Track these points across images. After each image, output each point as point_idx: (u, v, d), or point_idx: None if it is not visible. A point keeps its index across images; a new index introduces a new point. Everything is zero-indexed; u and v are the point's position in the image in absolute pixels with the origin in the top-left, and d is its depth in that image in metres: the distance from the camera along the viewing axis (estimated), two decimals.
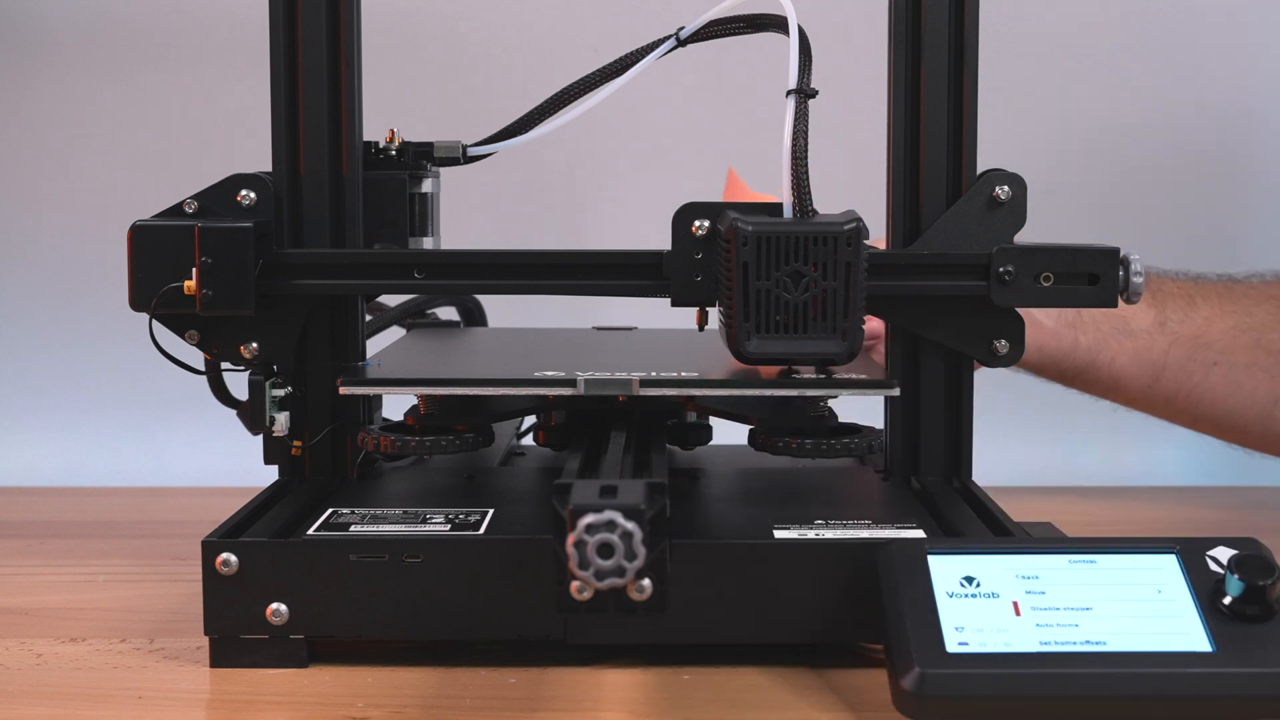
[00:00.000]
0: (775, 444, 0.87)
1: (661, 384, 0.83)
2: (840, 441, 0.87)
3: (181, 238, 0.84)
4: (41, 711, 0.73)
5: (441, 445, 0.87)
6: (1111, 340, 1.13)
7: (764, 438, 0.88)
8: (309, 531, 0.80)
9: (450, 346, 1.02)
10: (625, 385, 0.82)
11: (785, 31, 0.83)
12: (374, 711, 0.73)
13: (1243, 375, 1.12)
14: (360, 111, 0.89)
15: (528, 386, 0.84)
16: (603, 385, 0.82)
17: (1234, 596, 0.70)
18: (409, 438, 0.87)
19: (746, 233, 0.80)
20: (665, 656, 0.79)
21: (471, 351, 1.01)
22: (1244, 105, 1.42)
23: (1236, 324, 1.13)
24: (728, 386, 0.84)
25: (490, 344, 1.03)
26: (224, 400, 0.89)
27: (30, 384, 1.41)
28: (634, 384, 0.82)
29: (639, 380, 0.82)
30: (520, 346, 1.00)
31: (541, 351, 0.97)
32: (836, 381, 0.84)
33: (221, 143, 1.36)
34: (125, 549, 1.07)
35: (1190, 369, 1.12)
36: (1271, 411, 1.12)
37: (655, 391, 0.83)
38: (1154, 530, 1.08)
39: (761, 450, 0.88)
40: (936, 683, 0.67)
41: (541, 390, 0.85)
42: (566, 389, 0.82)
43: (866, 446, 0.87)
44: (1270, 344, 1.12)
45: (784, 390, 0.84)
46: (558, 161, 1.39)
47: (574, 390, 0.82)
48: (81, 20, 1.38)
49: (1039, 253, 0.86)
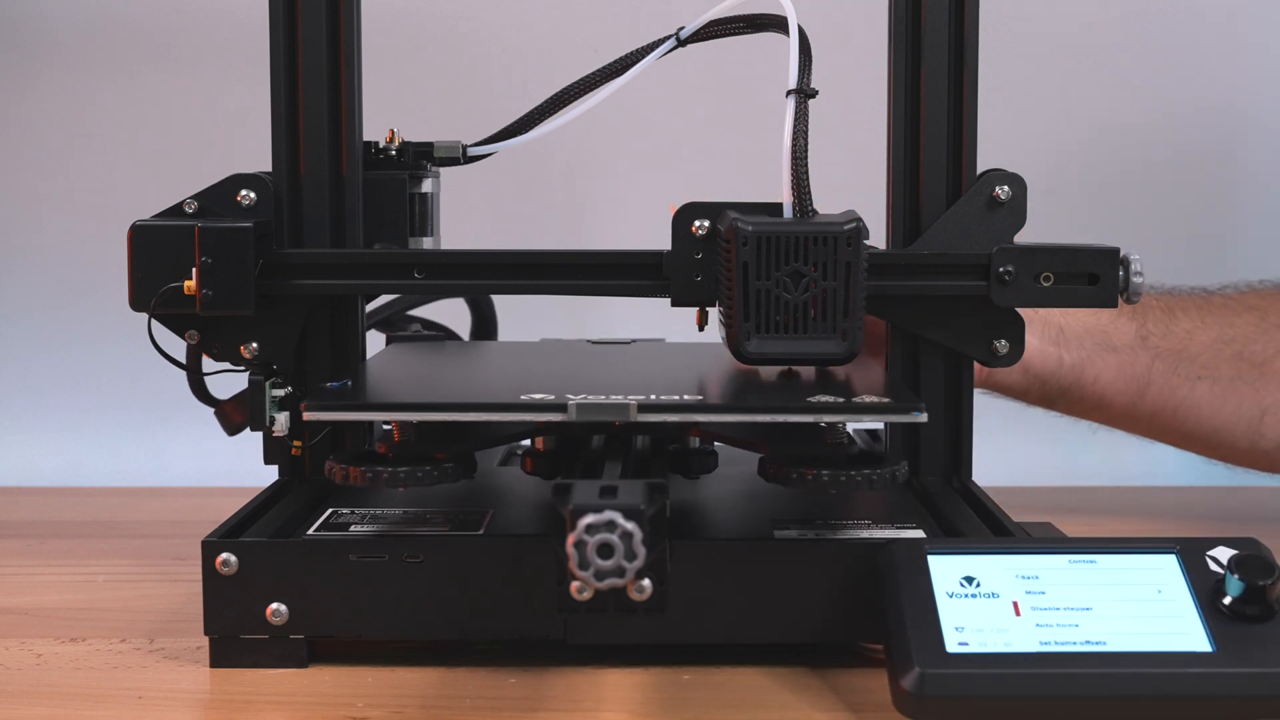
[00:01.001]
0: (788, 475, 0.78)
1: (662, 409, 0.75)
2: (861, 473, 0.77)
3: (181, 238, 0.84)
4: (41, 711, 0.73)
5: (417, 477, 0.78)
6: (1095, 357, 1.09)
7: (775, 468, 0.79)
8: (309, 531, 0.80)
9: (431, 363, 0.95)
10: (621, 410, 0.75)
11: (785, 31, 0.83)
12: (374, 711, 0.73)
13: (1228, 389, 1.09)
14: (360, 111, 0.89)
15: (512, 412, 0.76)
16: (596, 410, 0.75)
17: (1234, 596, 0.70)
18: (380, 469, 0.78)
19: (746, 233, 0.80)
20: (665, 656, 0.79)
21: (453, 369, 0.94)
22: (1244, 105, 1.42)
23: (1219, 336, 1.10)
24: (736, 412, 0.77)
25: (475, 361, 0.97)
26: (203, 399, 0.88)
27: (30, 384, 1.41)
28: (631, 409, 0.75)
29: (636, 405, 0.75)
30: (508, 363, 0.95)
31: (530, 369, 0.92)
32: (857, 406, 0.76)
33: (221, 143, 1.36)
34: (125, 549, 1.07)
35: (1175, 384, 1.09)
36: (1258, 426, 1.09)
37: (655, 417, 0.75)
38: (1154, 530, 1.08)
39: (773, 481, 0.79)
40: (936, 683, 0.67)
41: (528, 416, 0.76)
42: (556, 414, 0.75)
43: (890, 478, 0.78)
44: (1253, 356, 1.09)
45: (798, 416, 0.76)
46: (558, 161, 1.39)
47: (564, 416, 0.75)
48: (81, 20, 1.38)
49: (1039, 253, 0.86)
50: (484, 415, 0.76)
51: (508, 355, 0.98)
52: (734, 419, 0.77)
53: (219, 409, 0.87)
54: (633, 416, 0.75)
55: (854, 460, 0.79)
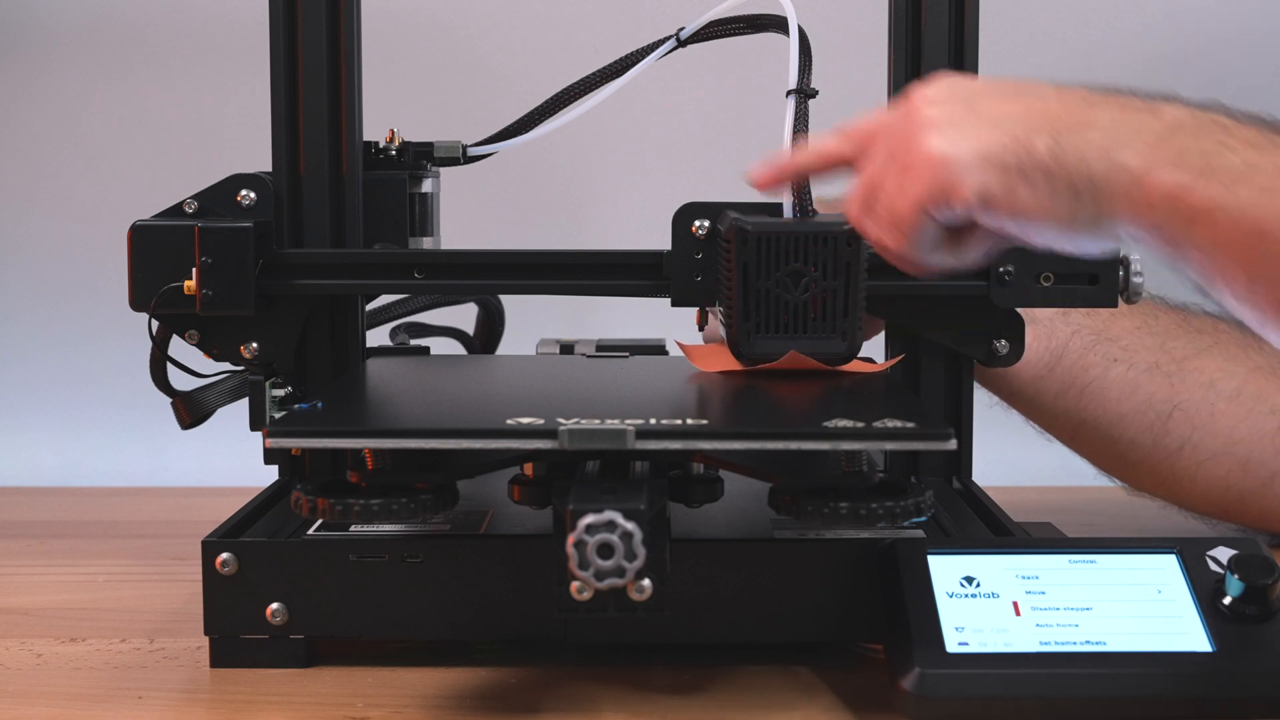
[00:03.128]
0: (803, 508, 0.73)
1: (663, 434, 0.69)
2: (884, 506, 0.72)
3: (181, 238, 0.84)
4: (41, 711, 0.73)
5: (392, 510, 0.73)
6: None
7: (789, 500, 0.74)
8: (309, 531, 0.80)
9: (413, 381, 0.89)
10: (618, 437, 0.68)
11: (785, 31, 0.83)
12: (374, 711, 0.73)
13: (1142, 377, 1.02)
14: (360, 111, 0.89)
15: (497, 439, 0.69)
16: (590, 437, 0.68)
17: (1234, 596, 0.70)
18: (352, 501, 0.73)
19: (746, 233, 0.80)
20: (665, 656, 0.79)
21: (437, 388, 0.88)
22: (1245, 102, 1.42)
23: (1142, 325, 1.04)
24: (744, 439, 0.70)
25: (461, 378, 0.91)
26: (163, 389, 0.88)
27: (30, 384, 1.41)
28: (628, 435, 0.68)
29: (635, 430, 0.68)
30: (496, 381, 0.90)
31: (520, 388, 0.88)
32: (879, 432, 0.69)
33: (221, 143, 1.36)
34: (125, 549, 1.07)
35: (1089, 361, 1.02)
36: (1165, 422, 1.01)
37: (655, 445, 0.68)
38: (1154, 530, 1.08)
39: (785, 515, 0.74)
40: (936, 683, 0.67)
41: (515, 444, 0.70)
42: (546, 441, 0.68)
43: (914, 508, 0.73)
44: (1173, 350, 1.03)
45: (814, 444, 0.70)
46: (558, 161, 1.39)
47: (554, 444, 0.68)
48: (82, 20, 1.38)
49: (1039, 253, 0.86)
50: (466, 443, 0.69)
51: (497, 371, 0.94)
52: (742, 446, 0.70)
53: (176, 401, 0.87)
54: (631, 444, 0.68)
55: (874, 492, 0.74)
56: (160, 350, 0.87)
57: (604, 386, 0.86)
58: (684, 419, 0.71)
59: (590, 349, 1.01)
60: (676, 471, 0.80)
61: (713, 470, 0.80)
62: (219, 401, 0.87)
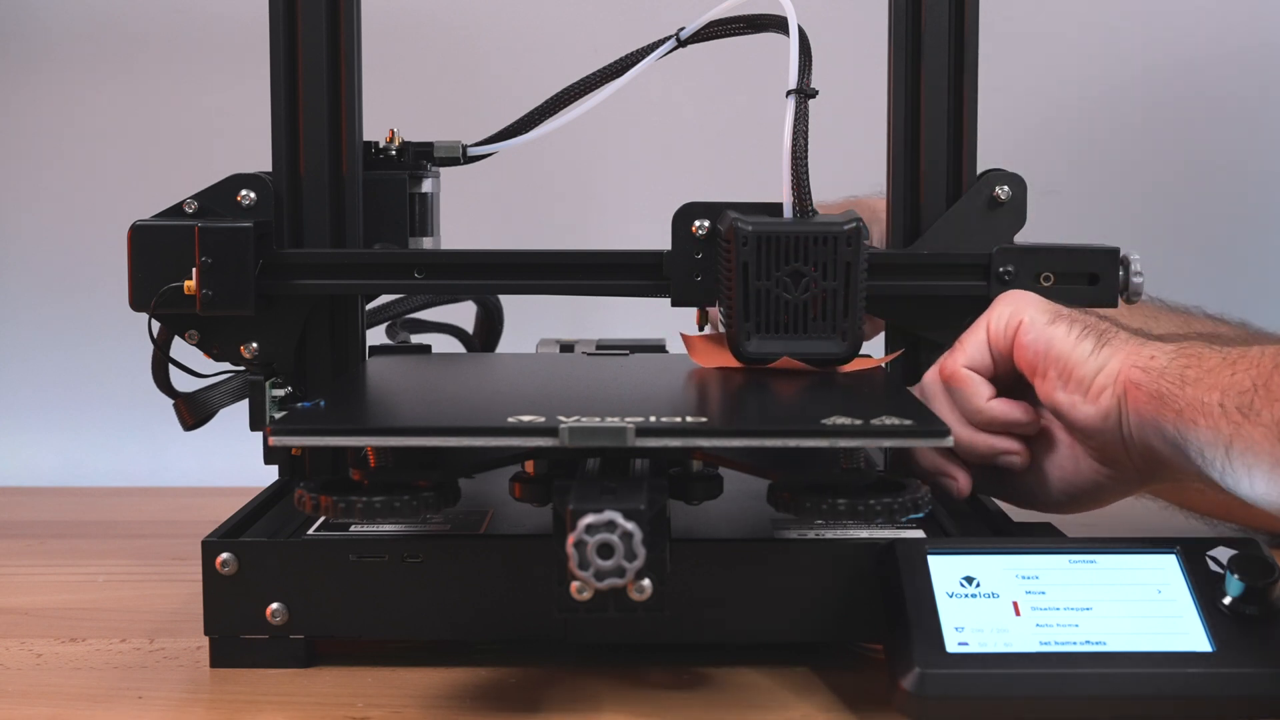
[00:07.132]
0: (801, 505, 0.73)
1: (663, 432, 0.69)
2: (881, 502, 0.73)
3: (181, 238, 0.84)
4: (41, 711, 0.73)
5: (394, 508, 0.73)
6: None
7: (788, 496, 0.74)
8: (309, 531, 0.80)
9: (415, 379, 0.90)
10: (618, 434, 0.69)
11: (785, 31, 0.84)
12: (374, 711, 0.73)
13: None
14: (360, 111, 0.89)
15: (499, 436, 0.70)
16: (590, 435, 0.69)
17: (1234, 596, 0.70)
18: (355, 499, 0.73)
19: (746, 232, 0.80)
20: (665, 656, 0.79)
21: (438, 386, 0.88)
22: (1253, 110, 1.42)
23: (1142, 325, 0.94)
24: (744, 436, 0.71)
25: (462, 376, 0.91)
26: (166, 391, 0.88)
27: (30, 384, 1.41)
28: (629, 433, 0.69)
29: (634, 428, 0.69)
30: (497, 379, 0.91)
31: (521, 386, 0.88)
32: (876, 430, 0.70)
33: (221, 143, 1.36)
34: (125, 549, 1.07)
35: None
36: None
37: (655, 442, 0.69)
38: (1154, 530, 1.08)
39: (784, 511, 0.75)
40: (936, 683, 0.67)
41: (515, 441, 0.71)
42: (546, 439, 0.69)
43: (912, 505, 0.73)
44: None
45: (813, 441, 0.70)
46: (558, 161, 1.39)
47: (555, 441, 0.69)
48: (82, 20, 1.38)
49: (1039, 253, 0.86)
50: (467, 440, 0.70)
51: (497, 369, 0.95)
52: (741, 444, 0.72)
53: (178, 403, 0.87)
54: (631, 441, 0.69)
55: (873, 489, 0.74)
56: (162, 352, 0.87)
57: (604, 384, 0.86)
58: (683, 416, 0.72)
59: (590, 349, 1.01)
60: (676, 469, 0.80)
61: (712, 467, 0.80)
62: (222, 402, 0.87)
